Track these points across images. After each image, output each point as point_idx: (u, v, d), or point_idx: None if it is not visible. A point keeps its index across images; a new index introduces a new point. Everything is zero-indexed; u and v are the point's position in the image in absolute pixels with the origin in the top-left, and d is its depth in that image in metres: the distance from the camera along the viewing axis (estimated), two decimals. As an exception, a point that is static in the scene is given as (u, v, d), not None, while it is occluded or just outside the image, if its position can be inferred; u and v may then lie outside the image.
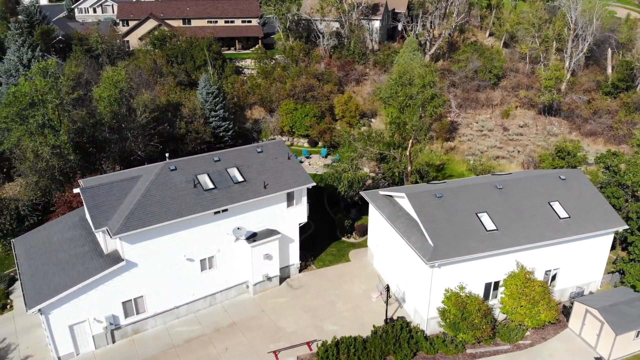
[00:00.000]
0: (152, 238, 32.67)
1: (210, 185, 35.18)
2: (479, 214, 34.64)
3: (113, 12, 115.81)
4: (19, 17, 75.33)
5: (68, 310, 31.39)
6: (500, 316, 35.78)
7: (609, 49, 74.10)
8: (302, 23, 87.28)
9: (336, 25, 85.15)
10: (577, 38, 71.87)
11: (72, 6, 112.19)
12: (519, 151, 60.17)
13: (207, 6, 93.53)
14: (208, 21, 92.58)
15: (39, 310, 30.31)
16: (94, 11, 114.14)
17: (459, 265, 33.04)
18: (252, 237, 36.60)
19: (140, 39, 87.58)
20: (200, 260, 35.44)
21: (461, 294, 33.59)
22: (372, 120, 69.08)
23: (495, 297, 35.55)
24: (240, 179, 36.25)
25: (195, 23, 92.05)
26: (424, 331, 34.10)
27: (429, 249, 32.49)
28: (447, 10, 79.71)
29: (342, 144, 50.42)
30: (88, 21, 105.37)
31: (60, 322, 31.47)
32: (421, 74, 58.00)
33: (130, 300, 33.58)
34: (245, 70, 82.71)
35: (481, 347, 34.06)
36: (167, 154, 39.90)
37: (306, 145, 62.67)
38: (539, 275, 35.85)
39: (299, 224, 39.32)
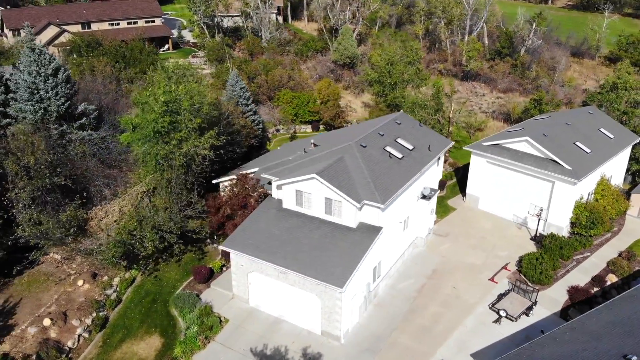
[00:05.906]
0: (390, 206, 36.03)
1: (400, 155, 39.42)
2: (576, 143, 46.04)
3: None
4: None
5: (352, 285, 33.16)
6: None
7: (484, 24, 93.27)
8: (215, 20, 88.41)
9: (238, 19, 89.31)
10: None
11: None
12: (480, 108, 74.24)
13: (105, 8, 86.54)
14: (110, 24, 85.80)
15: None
16: None
17: (583, 181, 43.94)
18: (424, 196, 41.91)
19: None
20: (404, 221, 39.61)
21: (582, 202, 44.83)
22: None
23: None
24: (410, 147, 41.09)
25: (96, 27, 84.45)
26: (564, 236, 44.27)
27: (569, 173, 42.57)
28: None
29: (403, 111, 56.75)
30: None
31: (347, 298, 33.08)
32: (405, 53, 67.61)
33: (375, 266, 36.36)
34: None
35: (595, 238, 45.54)
36: (312, 142, 41.91)
37: (309, 130, 66.48)
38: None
39: (439, 180, 45.68)
